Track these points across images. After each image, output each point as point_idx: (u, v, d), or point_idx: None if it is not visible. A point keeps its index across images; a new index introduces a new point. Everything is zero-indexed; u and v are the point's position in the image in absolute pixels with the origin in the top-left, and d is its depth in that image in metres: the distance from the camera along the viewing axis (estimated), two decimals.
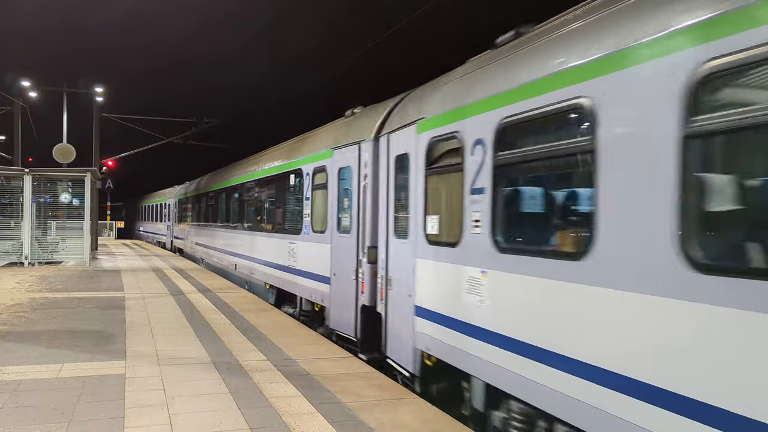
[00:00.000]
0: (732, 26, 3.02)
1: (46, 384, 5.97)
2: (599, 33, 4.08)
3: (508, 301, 4.79)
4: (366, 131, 8.24)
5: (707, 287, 3.09)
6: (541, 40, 4.83)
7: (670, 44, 3.41)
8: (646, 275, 3.49)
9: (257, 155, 16.19)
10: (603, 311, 3.80)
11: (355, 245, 8.22)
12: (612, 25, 4.00)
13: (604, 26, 4.08)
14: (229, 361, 7.07)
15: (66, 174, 21.18)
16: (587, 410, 3.86)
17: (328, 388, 6.02)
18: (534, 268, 4.43)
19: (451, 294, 5.65)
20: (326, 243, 9.28)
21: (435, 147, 6.09)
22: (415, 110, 6.72)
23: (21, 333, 8.46)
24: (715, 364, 3.04)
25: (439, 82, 6.65)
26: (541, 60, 4.61)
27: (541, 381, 4.25)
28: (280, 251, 11.87)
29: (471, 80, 5.67)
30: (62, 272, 17.69)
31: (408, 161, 6.69)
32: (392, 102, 8.17)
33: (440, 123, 5.97)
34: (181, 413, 5.17)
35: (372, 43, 16.71)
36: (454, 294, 5.56)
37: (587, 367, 3.87)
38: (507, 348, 4.71)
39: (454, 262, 5.59)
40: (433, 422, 5.12)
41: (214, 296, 12.87)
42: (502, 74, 5.11)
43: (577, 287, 4.04)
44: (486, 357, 5.00)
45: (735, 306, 2.95)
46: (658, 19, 3.55)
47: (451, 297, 5.63)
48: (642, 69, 3.60)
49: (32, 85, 25.24)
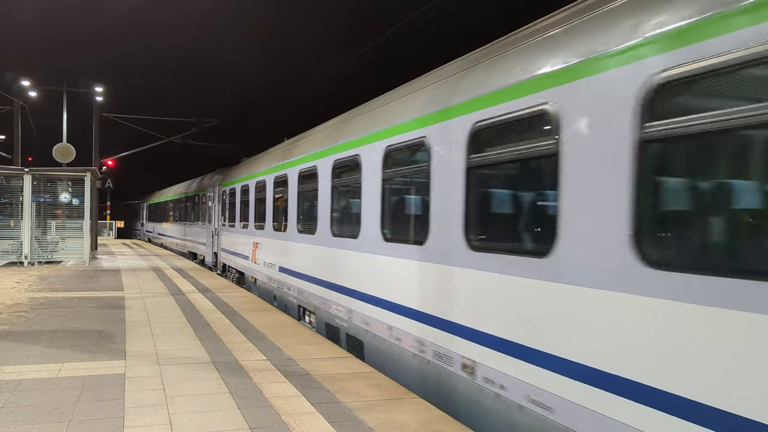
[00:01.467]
0: (678, 41, 3.33)
1: (46, 383, 5.97)
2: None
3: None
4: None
5: (659, 283, 3.39)
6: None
7: (623, 58, 3.73)
8: (603, 272, 3.82)
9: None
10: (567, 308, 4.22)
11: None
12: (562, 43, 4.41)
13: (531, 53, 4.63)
14: (228, 360, 7.08)
15: (66, 173, 21.17)
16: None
17: (328, 388, 6.02)
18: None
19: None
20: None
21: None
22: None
23: (21, 332, 8.46)
24: (665, 352, 3.36)
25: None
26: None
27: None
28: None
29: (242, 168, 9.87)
30: (62, 272, 17.69)
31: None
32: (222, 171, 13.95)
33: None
34: (181, 413, 5.17)
35: (372, 43, 16.73)
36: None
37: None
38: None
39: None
40: (433, 422, 5.12)
41: (213, 296, 12.87)
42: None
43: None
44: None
45: (686, 301, 3.23)
46: (614, 34, 3.87)
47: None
48: (597, 79, 3.93)
49: (32, 84, 25.25)
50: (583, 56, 4.11)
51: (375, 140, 7.43)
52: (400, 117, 6.89)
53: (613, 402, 3.68)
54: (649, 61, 3.50)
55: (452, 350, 5.51)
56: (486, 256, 5.08)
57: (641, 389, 3.48)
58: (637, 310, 3.52)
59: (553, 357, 4.21)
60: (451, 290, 5.55)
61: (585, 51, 4.11)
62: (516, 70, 4.88)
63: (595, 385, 3.82)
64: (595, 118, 3.93)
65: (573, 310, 4.07)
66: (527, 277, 4.53)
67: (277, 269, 12.24)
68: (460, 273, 5.41)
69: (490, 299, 4.97)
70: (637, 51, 3.59)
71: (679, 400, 3.25)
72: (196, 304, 11.64)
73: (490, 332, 4.93)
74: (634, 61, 3.60)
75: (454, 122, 5.62)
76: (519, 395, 4.53)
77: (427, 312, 6.02)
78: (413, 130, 6.48)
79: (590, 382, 3.85)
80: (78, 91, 26.25)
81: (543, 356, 4.32)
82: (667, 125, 3.39)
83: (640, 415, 3.49)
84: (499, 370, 4.78)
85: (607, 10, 4.10)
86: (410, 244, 6.51)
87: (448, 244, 5.60)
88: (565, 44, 4.38)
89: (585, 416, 3.90)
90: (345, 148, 8.47)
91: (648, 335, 3.45)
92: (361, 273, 7.83)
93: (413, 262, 6.34)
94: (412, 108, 6.79)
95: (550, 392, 4.21)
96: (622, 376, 3.61)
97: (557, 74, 4.33)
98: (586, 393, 3.89)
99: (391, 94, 7.93)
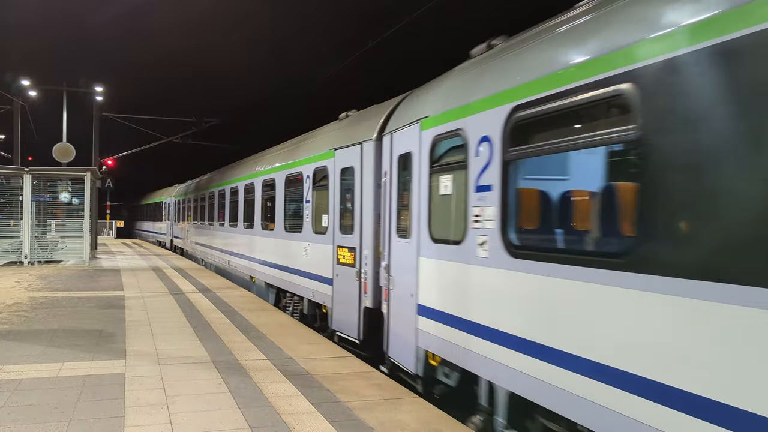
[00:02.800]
0: (524, 92, 4.66)
1: (47, 383, 5.97)
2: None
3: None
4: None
5: (518, 263, 4.70)
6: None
7: (494, 101, 5.08)
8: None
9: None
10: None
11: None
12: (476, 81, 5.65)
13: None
14: (228, 360, 7.08)
15: (66, 173, 21.16)
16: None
17: (328, 388, 6.03)
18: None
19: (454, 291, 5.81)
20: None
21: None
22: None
23: (21, 332, 8.47)
24: (515, 306, 4.71)
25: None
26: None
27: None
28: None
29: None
30: (62, 271, 17.69)
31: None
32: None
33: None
34: (181, 412, 5.17)
35: (372, 42, 16.73)
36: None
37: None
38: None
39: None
40: (433, 422, 5.12)
41: (213, 296, 12.88)
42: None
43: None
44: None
45: (534, 273, 4.50)
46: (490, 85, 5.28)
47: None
48: (486, 114, 5.21)
49: (32, 83, 25.23)
50: (474, 98, 5.47)
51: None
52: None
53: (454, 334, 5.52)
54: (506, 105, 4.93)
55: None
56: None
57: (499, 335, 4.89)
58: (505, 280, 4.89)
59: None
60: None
61: (477, 94, 5.44)
62: (450, 99, 6.08)
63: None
64: (483, 141, 5.19)
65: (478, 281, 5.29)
66: (449, 260, 5.82)
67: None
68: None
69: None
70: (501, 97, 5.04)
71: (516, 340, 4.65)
72: (196, 303, 11.65)
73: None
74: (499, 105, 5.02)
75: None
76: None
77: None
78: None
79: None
80: (78, 90, 26.22)
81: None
82: (519, 149, 4.77)
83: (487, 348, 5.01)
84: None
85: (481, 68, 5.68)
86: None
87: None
88: (467, 88, 5.71)
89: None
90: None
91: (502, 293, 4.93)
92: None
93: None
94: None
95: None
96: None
97: (466, 108, 5.59)
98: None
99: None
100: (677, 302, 3.25)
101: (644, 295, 3.46)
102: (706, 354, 3.08)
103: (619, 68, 3.72)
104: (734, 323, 2.94)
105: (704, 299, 3.10)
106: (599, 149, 4.90)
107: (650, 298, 3.42)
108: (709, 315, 3.07)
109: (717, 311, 3.02)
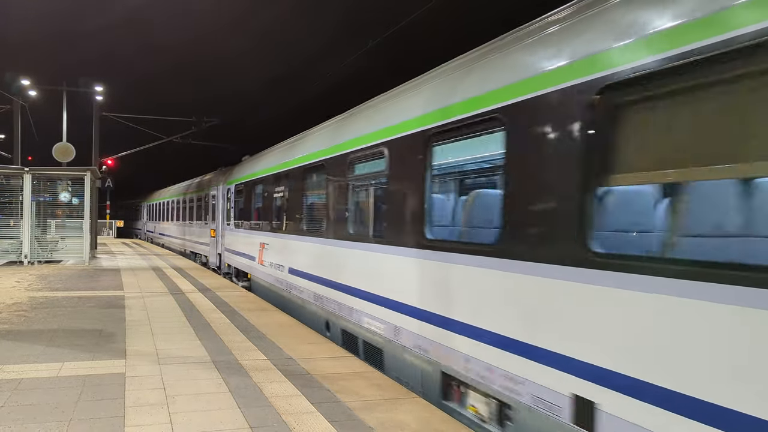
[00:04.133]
0: (441, 116, 5.92)
1: (47, 383, 5.98)
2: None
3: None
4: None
5: (433, 253, 6.01)
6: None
7: (417, 123, 6.41)
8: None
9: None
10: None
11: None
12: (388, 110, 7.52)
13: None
14: (228, 360, 7.08)
15: (66, 173, 21.16)
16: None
17: (328, 388, 6.03)
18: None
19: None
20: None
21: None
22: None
23: (21, 332, 8.47)
24: (434, 285, 6.02)
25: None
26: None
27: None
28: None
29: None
30: (62, 271, 17.70)
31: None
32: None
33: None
34: (182, 412, 5.18)
35: (372, 42, 16.75)
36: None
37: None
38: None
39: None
40: (433, 422, 5.13)
41: (213, 295, 12.88)
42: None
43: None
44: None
45: (444, 261, 5.79)
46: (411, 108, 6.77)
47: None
48: (410, 135, 6.58)
49: (32, 83, 25.24)
50: (402, 119, 6.88)
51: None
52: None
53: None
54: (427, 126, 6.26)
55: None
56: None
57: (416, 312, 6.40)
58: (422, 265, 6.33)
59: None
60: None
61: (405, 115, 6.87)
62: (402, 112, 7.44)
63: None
64: (408, 156, 6.54)
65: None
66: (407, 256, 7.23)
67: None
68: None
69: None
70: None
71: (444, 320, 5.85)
72: (196, 303, 11.65)
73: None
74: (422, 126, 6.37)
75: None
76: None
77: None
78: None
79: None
80: (78, 90, 26.23)
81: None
82: (438, 165, 6.34)
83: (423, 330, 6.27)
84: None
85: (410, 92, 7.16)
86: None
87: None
88: (394, 111, 7.23)
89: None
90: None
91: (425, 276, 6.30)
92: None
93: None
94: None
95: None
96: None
97: (390, 129, 7.04)
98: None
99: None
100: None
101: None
102: (513, 305, 4.78)
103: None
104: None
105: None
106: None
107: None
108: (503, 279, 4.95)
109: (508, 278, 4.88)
